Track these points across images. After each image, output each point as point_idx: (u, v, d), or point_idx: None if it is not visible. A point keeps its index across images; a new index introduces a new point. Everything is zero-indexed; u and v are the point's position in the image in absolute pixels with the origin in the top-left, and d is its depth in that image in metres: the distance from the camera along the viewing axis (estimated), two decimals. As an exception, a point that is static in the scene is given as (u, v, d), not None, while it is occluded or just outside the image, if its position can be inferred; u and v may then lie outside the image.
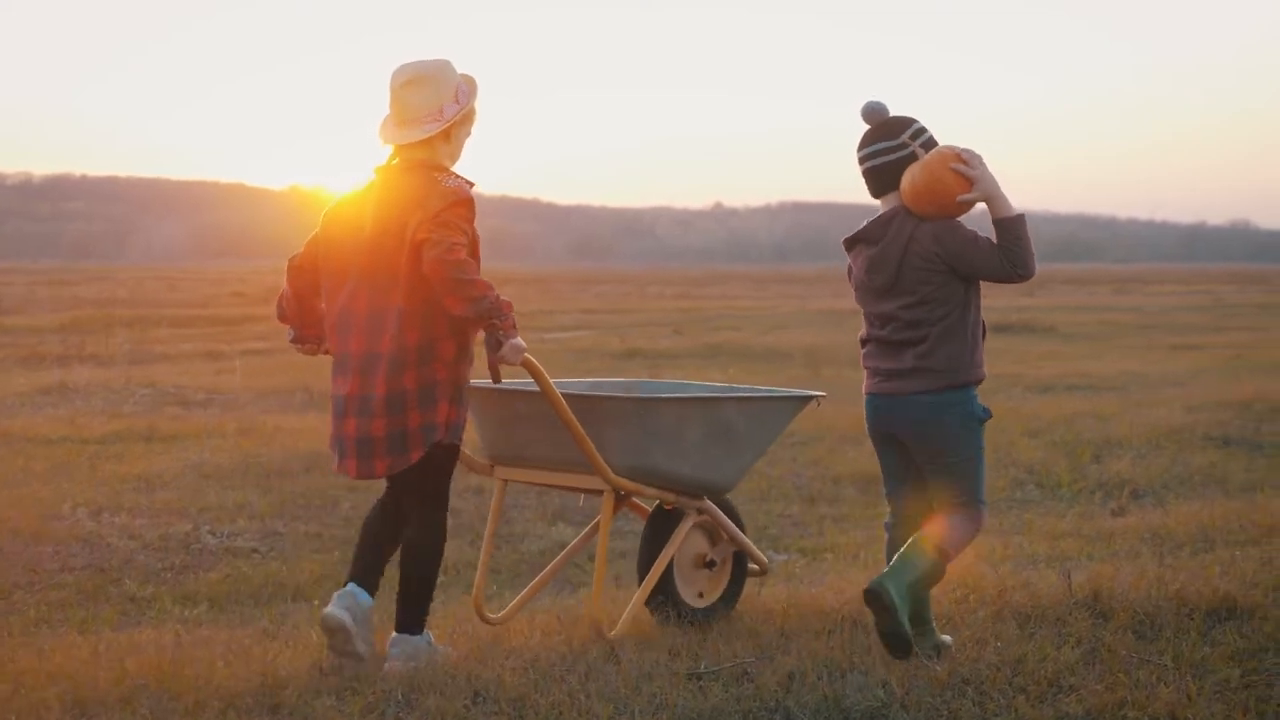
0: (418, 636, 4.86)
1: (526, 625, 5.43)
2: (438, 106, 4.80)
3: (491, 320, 4.58)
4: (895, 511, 4.93)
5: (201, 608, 6.72)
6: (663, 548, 5.30)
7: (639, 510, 5.60)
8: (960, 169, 4.64)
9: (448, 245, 4.58)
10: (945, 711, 4.28)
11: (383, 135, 4.88)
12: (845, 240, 4.87)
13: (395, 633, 4.90)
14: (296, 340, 5.08)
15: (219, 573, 7.37)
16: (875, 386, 4.83)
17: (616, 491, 5.13)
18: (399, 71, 4.85)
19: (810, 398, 5.51)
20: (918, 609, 4.73)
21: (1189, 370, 17.75)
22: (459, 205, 4.68)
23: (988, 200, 4.66)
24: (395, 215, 4.72)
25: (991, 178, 4.65)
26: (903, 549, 4.71)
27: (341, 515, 8.67)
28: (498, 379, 4.75)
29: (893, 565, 4.64)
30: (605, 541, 5.18)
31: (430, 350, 4.72)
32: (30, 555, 7.47)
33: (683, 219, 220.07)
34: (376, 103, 4.99)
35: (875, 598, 4.55)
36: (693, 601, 5.41)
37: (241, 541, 7.98)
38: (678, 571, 5.37)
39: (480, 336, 4.82)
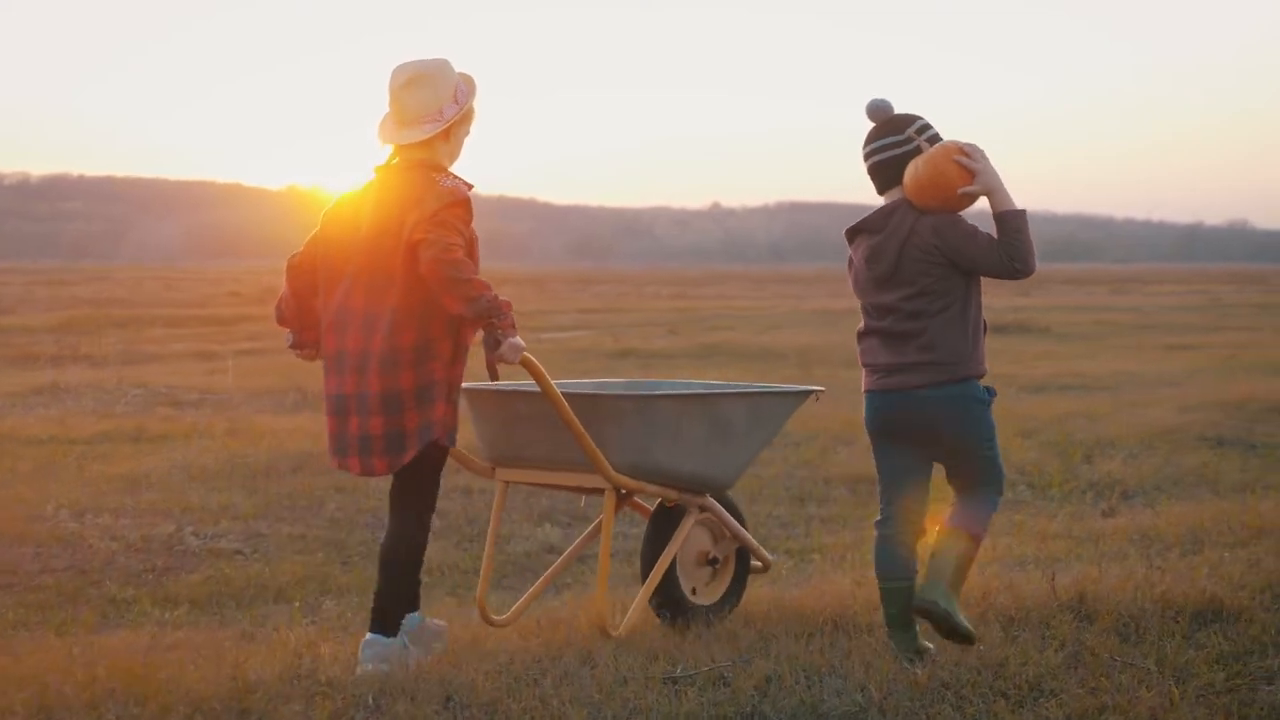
0: (392, 639, 4.82)
1: (504, 628, 5.37)
2: (437, 108, 4.81)
3: (490, 319, 4.56)
4: (893, 511, 4.85)
5: (181, 610, 6.66)
6: (665, 546, 5.29)
7: (641, 510, 5.59)
8: (962, 161, 4.64)
9: (444, 245, 4.57)
10: (924, 716, 4.23)
11: (382, 135, 4.88)
12: (847, 231, 4.87)
13: (369, 634, 4.85)
14: (295, 345, 5.07)
15: (201, 574, 7.31)
16: (876, 383, 4.79)
17: (618, 490, 5.13)
18: (398, 71, 4.85)
19: (809, 393, 5.53)
20: (910, 618, 4.77)
21: (1184, 370, 17.69)
22: (456, 206, 4.68)
23: (989, 194, 4.66)
24: (393, 215, 4.71)
25: (994, 172, 4.66)
26: (933, 551, 4.75)
27: (327, 516, 8.61)
28: (495, 377, 4.74)
29: (930, 571, 4.71)
30: (608, 541, 5.17)
31: (427, 350, 4.71)
32: (10, 557, 7.42)
33: (681, 219, 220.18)
34: (376, 103, 5.03)
35: (927, 613, 4.68)
36: (696, 599, 5.40)
37: (225, 543, 7.92)
38: (681, 569, 5.36)
39: (478, 337, 4.81)
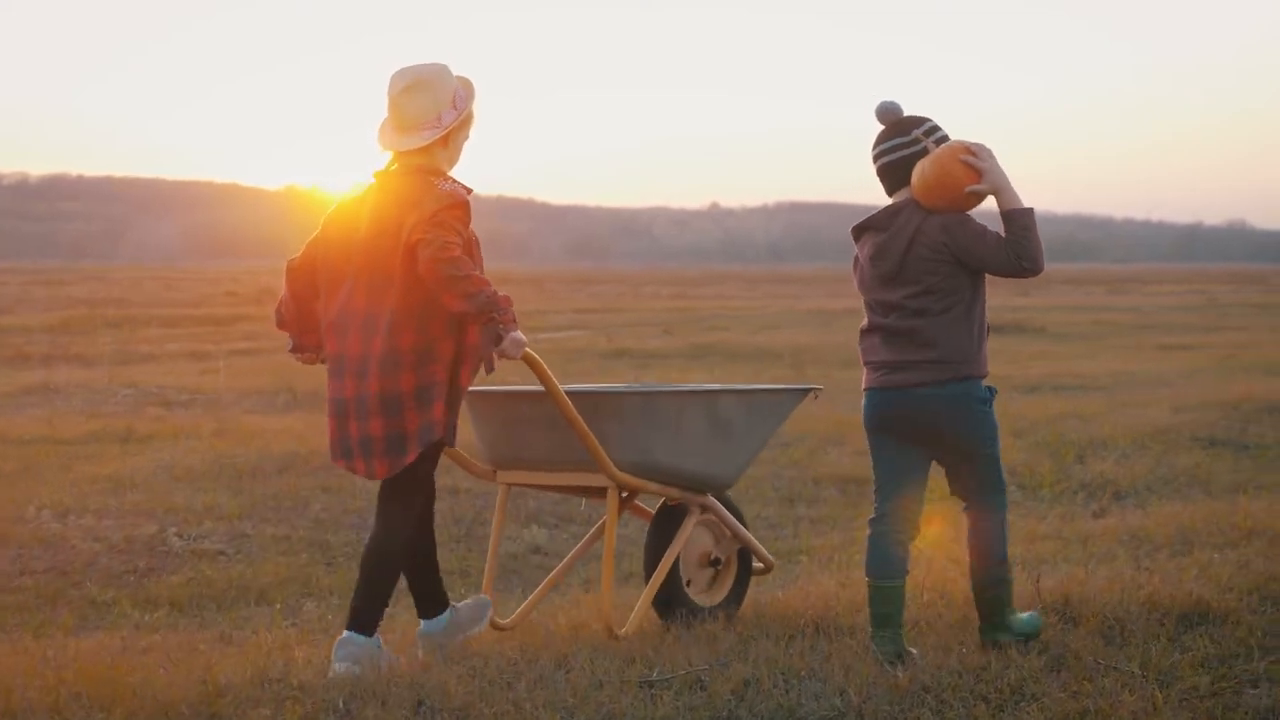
0: (367, 639, 4.77)
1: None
2: (435, 114, 4.81)
3: (490, 314, 4.54)
4: (888, 509, 4.81)
5: (161, 612, 6.61)
6: (668, 546, 5.30)
7: (642, 513, 5.59)
8: (970, 161, 4.63)
9: (441, 244, 4.56)
10: (902, 720, 4.16)
11: (381, 141, 4.88)
12: (853, 228, 4.86)
13: (346, 631, 4.79)
14: (295, 349, 5.06)
15: (182, 576, 7.26)
16: (877, 380, 4.76)
17: (620, 490, 5.13)
18: (396, 77, 4.84)
19: (807, 391, 5.55)
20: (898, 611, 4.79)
21: (1180, 371, 17.63)
22: (454, 208, 4.67)
23: (996, 193, 4.65)
24: (391, 217, 4.71)
25: (1001, 171, 4.65)
26: (975, 592, 4.83)
27: (312, 517, 8.55)
28: (490, 369, 4.72)
29: (982, 613, 4.82)
30: (612, 541, 5.16)
31: (429, 352, 4.70)
32: (-9, 558, 7.36)
33: (679, 219, 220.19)
34: (374, 103, 5.03)
35: (996, 644, 4.75)
36: (699, 600, 5.40)
37: (208, 544, 7.86)
38: (683, 570, 5.37)
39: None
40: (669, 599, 5.31)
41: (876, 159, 4.81)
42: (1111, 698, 4.29)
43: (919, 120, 4.79)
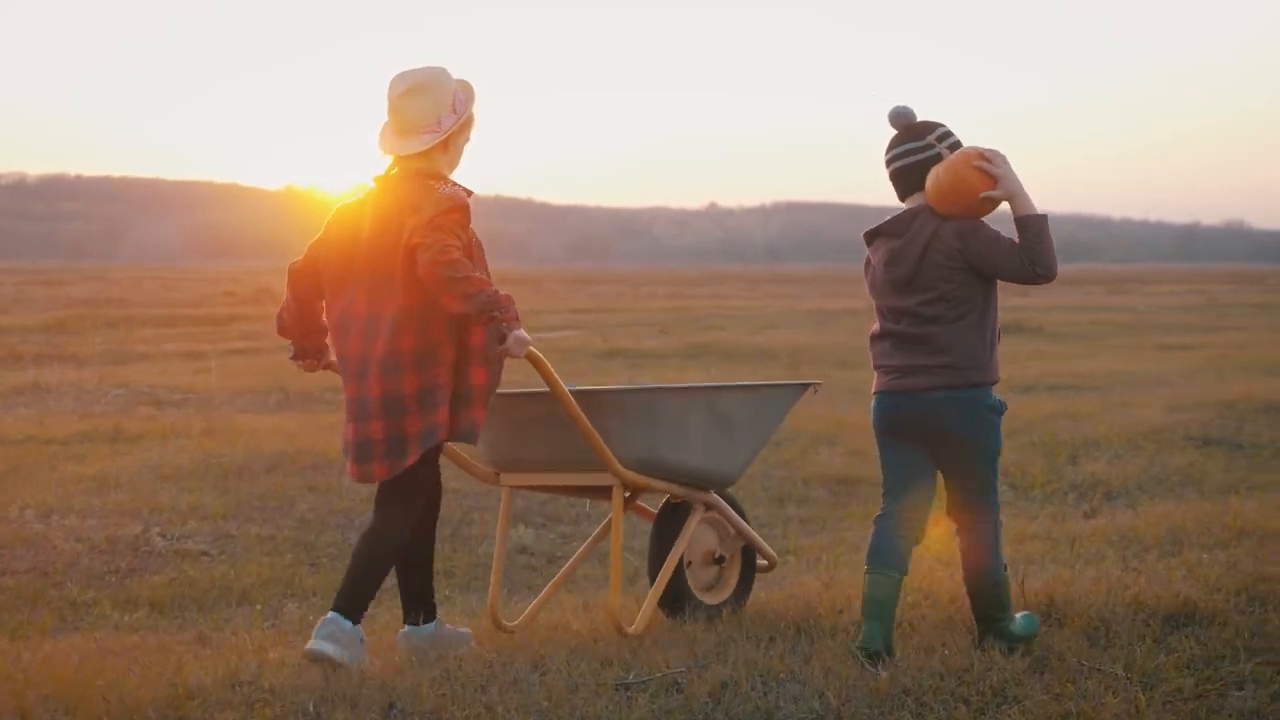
0: (351, 625, 4.70)
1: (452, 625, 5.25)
2: (435, 118, 4.83)
3: (491, 313, 4.54)
4: (896, 508, 4.80)
5: (141, 613, 6.55)
6: (671, 545, 5.30)
7: (645, 513, 5.59)
8: (984, 166, 4.63)
9: (440, 247, 4.57)
10: (882, 723, 4.11)
11: (382, 145, 4.90)
12: (866, 233, 4.86)
13: (331, 612, 4.72)
14: (297, 356, 5.06)
15: (164, 576, 7.19)
16: (888, 384, 4.77)
17: (625, 488, 5.13)
18: (396, 81, 4.86)
19: (806, 386, 5.58)
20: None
21: (1177, 370, 17.57)
22: (454, 211, 4.68)
23: (1010, 199, 4.65)
24: (392, 221, 4.73)
25: (1015, 176, 4.65)
26: (971, 601, 4.79)
27: (297, 517, 8.49)
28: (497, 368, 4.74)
29: (979, 619, 4.79)
30: (619, 539, 5.16)
31: (430, 354, 4.70)
32: (-29, 559, 7.30)
33: (678, 219, 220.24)
34: (373, 104, 5.05)
35: (1004, 649, 4.70)
36: (704, 598, 5.41)
37: (192, 544, 7.80)
38: (688, 568, 5.37)
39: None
40: (675, 597, 5.32)
41: (889, 163, 4.83)
42: (1094, 700, 4.24)
43: (932, 125, 4.80)
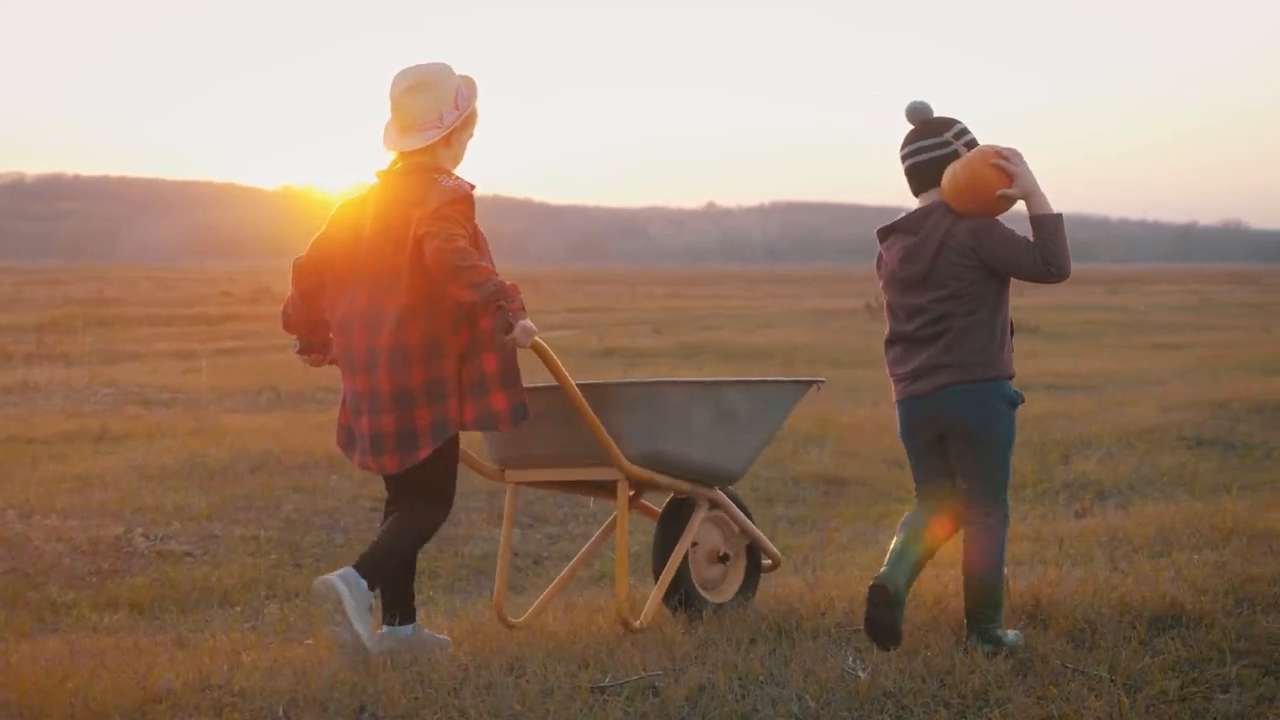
0: (365, 583, 4.66)
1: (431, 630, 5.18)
2: (437, 114, 4.84)
3: (498, 303, 4.56)
4: (925, 507, 4.86)
5: (120, 614, 6.48)
6: (676, 542, 5.28)
7: (649, 512, 5.57)
8: (1001, 164, 4.63)
9: (447, 236, 4.59)
10: (861, 726, 4.05)
11: (385, 142, 4.93)
12: (880, 230, 4.86)
13: (353, 566, 4.71)
14: (303, 351, 5.07)
15: (146, 577, 7.13)
16: (901, 392, 4.81)
17: (631, 484, 5.11)
18: (399, 78, 4.88)
19: (811, 383, 5.60)
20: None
21: (1171, 370, 17.51)
22: (457, 202, 4.70)
23: (1026, 197, 4.65)
24: (396, 214, 4.75)
25: (1031, 175, 4.65)
26: (966, 599, 4.75)
27: (283, 517, 8.43)
28: None
29: (971, 619, 4.74)
30: (624, 535, 5.15)
31: (437, 347, 4.70)
32: (-49, 559, 7.23)
33: (676, 219, 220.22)
34: (371, 104, 5.04)
35: (989, 651, 4.64)
36: (709, 596, 5.39)
37: (175, 544, 7.73)
38: (692, 566, 5.36)
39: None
40: (680, 595, 5.30)
41: (905, 158, 4.82)
42: (1077, 703, 4.18)
43: (950, 122, 4.80)
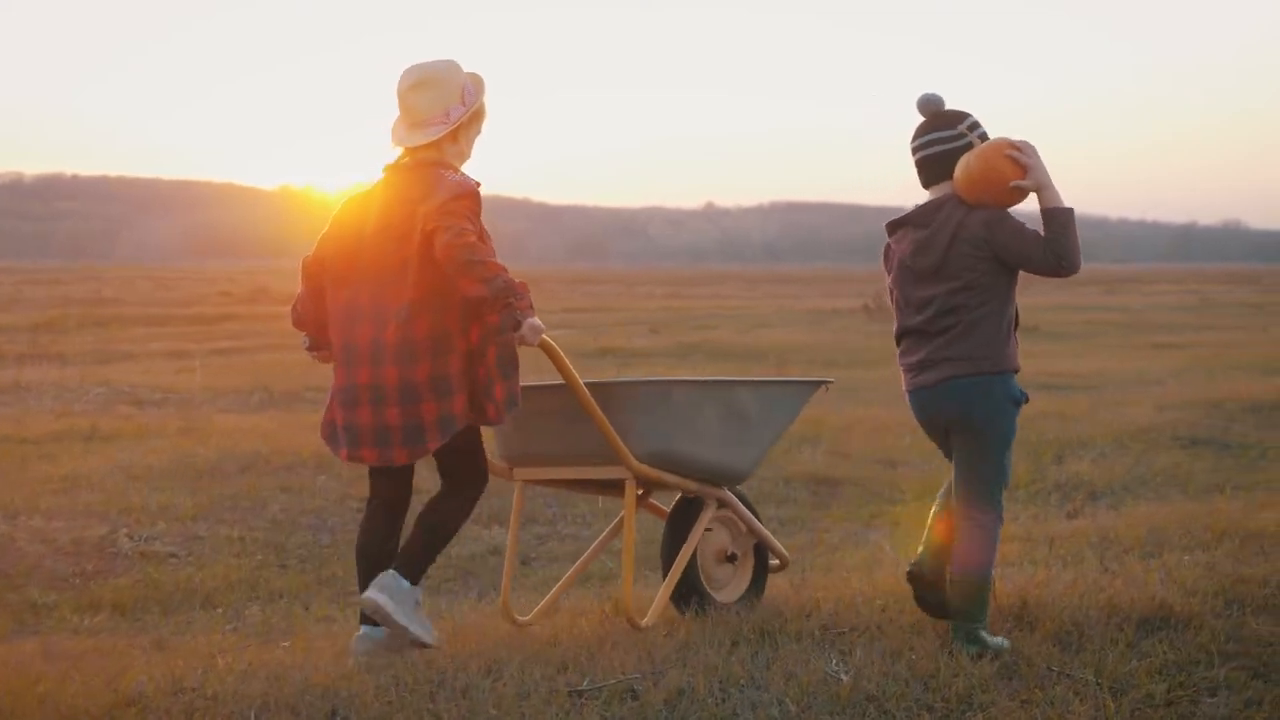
0: (409, 583, 4.74)
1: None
2: (443, 109, 4.83)
3: (507, 299, 4.56)
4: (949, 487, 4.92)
5: (101, 616, 6.42)
6: (684, 541, 5.26)
7: (657, 511, 5.55)
8: (1015, 156, 4.64)
9: (457, 230, 4.59)
10: (842, 731, 3.98)
11: (393, 138, 4.90)
12: (889, 223, 4.86)
13: (393, 569, 4.76)
14: (313, 348, 5.04)
15: (129, 578, 7.07)
16: (908, 383, 4.81)
17: (638, 483, 5.09)
18: (405, 74, 4.87)
19: (820, 384, 5.58)
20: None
21: (1169, 370, 17.45)
22: (464, 197, 4.70)
23: (1038, 190, 4.65)
24: (401, 209, 4.73)
25: (1044, 168, 4.65)
26: (950, 600, 4.73)
27: (269, 518, 8.37)
28: None
29: (952, 622, 4.71)
30: (631, 534, 5.11)
31: (444, 342, 4.69)
32: (-68, 561, 7.17)
33: (675, 219, 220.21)
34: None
35: (973, 653, 4.61)
36: (717, 595, 5.38)
37: (159, 545, 7.68)
38: (700, 566, 5.34)
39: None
40: (687, 593, 5.28)
41: (917, 150, 4.81)
42: (1062, 707, 4.12)
43: (962, 115, 4.79)
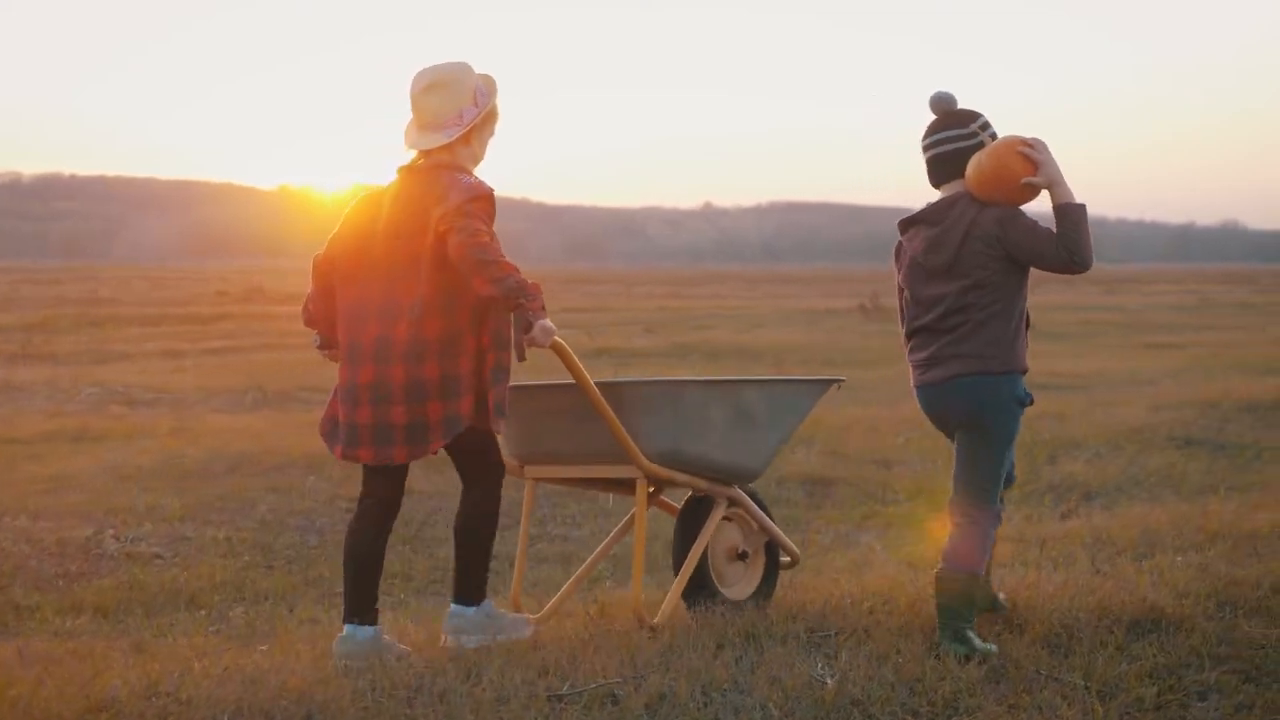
0: (474, 608, 4.83)
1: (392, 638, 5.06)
2: (456, 111, 4.84)
3: (519, 300, 4.56)
4: None
5: (84, 618, 6.35)
6: (695, 539, 5.23)
7: (669, 509, 5.53)
8: (1027, 153, 4.62)
9: (471, 230, 4.60)
10: (826, 736, 3.93)
11: (406, 140, 4.91)
12: (902, 221, 4.85)
13: (453, 605, 4.84)
14: (323, 346, 5.03)
15: (114, 580, 7.01)
16: (914, 379, 4.81)
17: (649, 482, 5.07)
18: (418, 77, 4.88)
19: (831, 382, 5.54)
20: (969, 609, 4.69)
21: (1165, 370, 17.40)
22: (478, 200, 4.69)
23: (1050, 187, 4.63)
24: (414, 210, 4.73)
25: (1056, 165, 4.63)
26: (939, 600, 4.66)
27: (257, 518, 8.31)
28: (522, 358, 4.70)
29: (939, 620, 4.67)
30: (642, 533, 5.10)
31: (455, 343, 4.69)
32: (-85, 562, 7.11)
33: (673, 219, 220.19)
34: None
35: (959, 655, 4.57)
36: (727, 593, 5.34)
37: (145, 546, 7.62)
38: (711, 564, 5.30)
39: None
40: (698, 591, 5.24)
41: (929, 148, 4.79)
42: (1049, 711, 4.07)
43: (974, 114, 4.78)
